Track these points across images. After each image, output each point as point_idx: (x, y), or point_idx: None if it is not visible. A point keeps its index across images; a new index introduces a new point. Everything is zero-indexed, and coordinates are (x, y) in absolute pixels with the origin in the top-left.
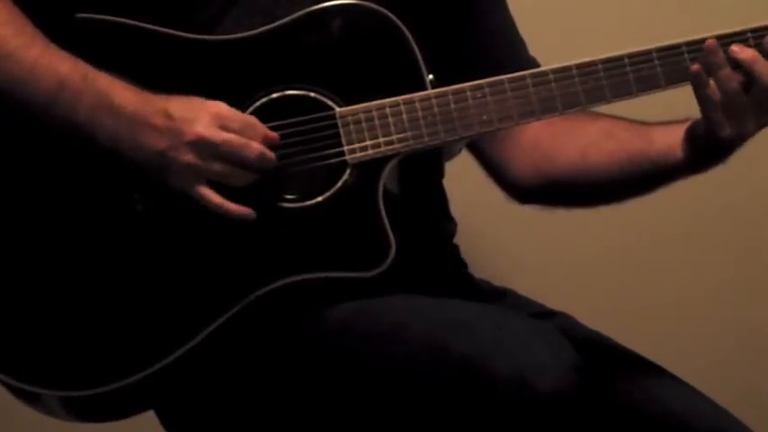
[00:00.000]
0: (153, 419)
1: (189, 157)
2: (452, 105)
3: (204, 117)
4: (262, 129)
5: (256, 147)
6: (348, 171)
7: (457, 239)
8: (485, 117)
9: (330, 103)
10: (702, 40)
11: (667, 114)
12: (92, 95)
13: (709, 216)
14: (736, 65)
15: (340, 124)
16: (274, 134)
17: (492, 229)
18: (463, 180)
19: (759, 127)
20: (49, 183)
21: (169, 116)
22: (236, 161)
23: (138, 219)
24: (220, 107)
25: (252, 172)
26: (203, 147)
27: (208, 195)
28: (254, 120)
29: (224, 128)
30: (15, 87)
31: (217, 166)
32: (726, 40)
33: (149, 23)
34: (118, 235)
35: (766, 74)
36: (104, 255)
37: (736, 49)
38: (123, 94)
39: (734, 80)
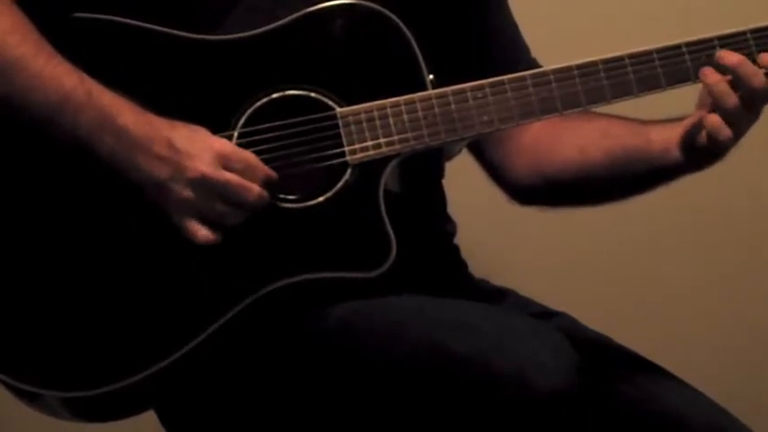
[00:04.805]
0: (153, 419)
1: (187, 193)
2: (453, 106)
3: (208, 154)
4: (262, 169)
5: (257, 191)
6: (349, 171)
7: (457, 239)
8: (485, 117)
9: (331, 103)
10: (703, 41)
11: (667, 115)
12: (94, 112)
13: (710, 216)
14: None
15: (341, 124)
16: (273, 174)
17: (492, 229)
18: (463, 180)
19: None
20: (49, 182)
21: (172, 147)
22: (235, 202)
23: (139, 217)
24: (224, 145)
25: (247, 212)
26: (204, 185)
27: (196, 231)
28: (255, 159)
29: (226, 167)
30: (18, 96)
31: (214, 205)
32: (726, 40)
33: (150, 23)
34: (118, 234)
35: (751, 76)
36: (105, 254)
37: (722, 54)
38: (126, 115)
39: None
